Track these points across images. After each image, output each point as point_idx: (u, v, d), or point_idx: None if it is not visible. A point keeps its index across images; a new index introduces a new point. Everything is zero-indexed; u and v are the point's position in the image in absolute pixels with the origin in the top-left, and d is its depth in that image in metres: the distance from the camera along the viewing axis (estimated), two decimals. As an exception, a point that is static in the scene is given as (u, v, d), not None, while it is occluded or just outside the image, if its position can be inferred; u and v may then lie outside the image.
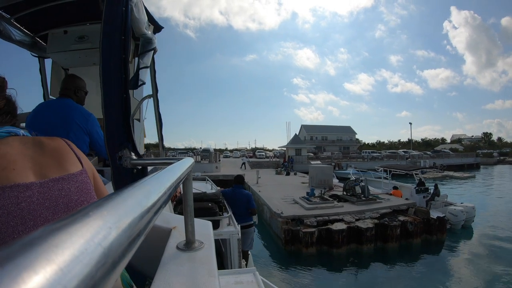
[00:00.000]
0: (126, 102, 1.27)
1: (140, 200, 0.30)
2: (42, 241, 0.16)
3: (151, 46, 1.58)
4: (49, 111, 1.87)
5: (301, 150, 31.27)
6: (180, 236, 0.89)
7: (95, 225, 0.20)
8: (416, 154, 39.13)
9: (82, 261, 0.16)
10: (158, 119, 2.41)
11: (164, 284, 0.64)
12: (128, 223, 0.24)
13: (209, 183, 6.50)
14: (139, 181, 0.37)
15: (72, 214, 0.20)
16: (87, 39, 2.36)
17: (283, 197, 10.63)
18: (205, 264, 0.74)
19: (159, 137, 2.55)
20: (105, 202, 0.24)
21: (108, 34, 1.24)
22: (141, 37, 1.55)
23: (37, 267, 0.14)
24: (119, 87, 1.25)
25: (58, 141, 0.70)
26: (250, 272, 1.86)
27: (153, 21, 1.97)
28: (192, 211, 0.82)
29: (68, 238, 0.17)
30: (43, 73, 2.72)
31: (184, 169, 0.69)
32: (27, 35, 2.40)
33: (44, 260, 0.14)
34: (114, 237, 0.21)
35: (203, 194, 3.72)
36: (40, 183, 0.60)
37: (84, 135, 1.84)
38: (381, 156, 36.46)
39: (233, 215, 3.38)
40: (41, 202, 0.59)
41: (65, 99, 1.91)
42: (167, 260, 0.75)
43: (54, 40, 2.43)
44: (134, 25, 1.42)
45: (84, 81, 2.08)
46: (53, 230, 0.17)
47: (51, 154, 0.65)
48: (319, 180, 13.16)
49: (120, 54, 1.25)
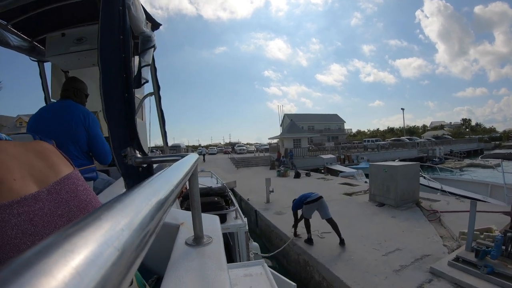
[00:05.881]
0: (129, 101, 1.26)
1: (149, 199, 0.30)
2: (57, 247, 0.16)
3: (151, 44, 1.57)
4: (50, 113, 1.89)
5: (300, 140, 24.12)
6: (188, 232, 0.89)
7: (108, 227, 0.20)
8: (424, 141, 36.06)
9: (98, 264, 0.17)
10: (160, 116, 2.42)
11: (175, 280, 0.64)
12: (139, 223, 0.25)
13: (215, 177, 6.51)
14: (147, 181, 0.37)
15: (84, 218, 0.20)
16: (85, 40, 2.35)
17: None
18: (215, 259, 0.74)
19: (162, 134, 2.55)
20: (115, 204, 0.25)
21: (106, 35, 1.23)
22: (140, 35, 1.55)
23: (55, 273, 0.14)
24: (120, 86, 1.24)
25: (44, 144, 0.66)
26: (259, 264, 1.88)
27: (151, 18, 1.97)
28: (199, 207, 0.83)
29: (83, 243, 0.17)
30: (43, 77, 2.73)
31: (189, 165, 0.69)
32: (25, 40, 2.40)
33: (61, 265, 0.14)
34: (127, 238, 0.21)
35: (209, 189, 3.74)
36: (47, 190, 0.54)
37: (85, 133, 1.86)
38: (387, 145, 31.20)
39: (239, 208, 3.38)
40: (54, 211, 0.54)
41: (65, 100, 1.94)
42: (176, 257, 0.76)
43: (52, 44, 2.43)
44: (132, 24, 1.41)
45: (85, 84, 2.08)
46: (67, 236, 0.17)
47: (42, 157, 0.60)
48: (401, 191, 7.10)
49: (120, 53, 1.24)
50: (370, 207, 7.49)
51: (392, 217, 6.40)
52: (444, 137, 43.65)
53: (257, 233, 7.76)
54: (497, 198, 8.29)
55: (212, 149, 48.49)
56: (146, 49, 1.55)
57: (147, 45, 1.56)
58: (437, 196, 8.10)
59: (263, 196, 9.07)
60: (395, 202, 7.13)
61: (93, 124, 1.90)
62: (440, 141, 36.94)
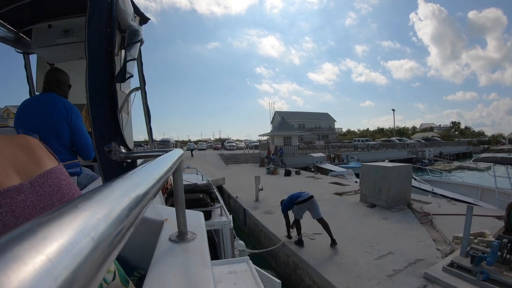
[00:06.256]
0: (113, 95, 1.27)
1: (129, 191, 0.30)
2: (30, 234, 0.15)
3: (137, 38, 1.57)
4: (33, 107, 1.87)
5: (291, 138, 24.29)
6: (172, 228, 0.88)
7: (85, 216, 0.20)
8: (414, 142, 36.16)
9: (72, 252, 0.16)
10: (146, 112, 2.42)
11: (159, 276, 0.63)
12: (117, 215, 0.24)
13: (200, 174, 6.47)
14: (128, 173, 0.37)
15: (60, 207, 0.20)
16: (72, 32, 2.32)
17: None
18: (198, 255, 0.74)
19: (148, 130, 2.54)
20: (94, 194, 0.24)
21: (93, 27, 1.22)
22: (127, 29, 1.54)
23: (26, 258, 0.14)
24: (105, 80, 1.25)
25: (28, 138, 0.65)
26: (244, 261, 1.89)
27: (139, 12, 1.96)
28: (183, 203, 0.82)
29: (57, 230, 0.17)
30: (29, 69, 2.70)
31: (173, 160, 0.68)
32: (11, 31, 2.36)
33: (33, 251, 0.14)
34: (104, 228, 0.21)
35: (194, 185, 3.74)
36: (30, 183, 0.54)
37: (68, 128, 1.85)
38: (377, 145, 31.41)
39: (224, 205, 3.37)
40: (36, 204, 0.54)
41: (47, 94, 1.92)
42: (160, 253, 0.75)
43: (39, 35, 2.39)
44: (120, 17, 1.41)
45: (67, 74, 2.06)
46: (42, 223, 0.17)
47: (26, 151, 0.60)
48: (393, 192, 7.02)
49: (106, 46, 1.24)
50: (361, 207, 7.41)
51: (384, 219, 6.33)
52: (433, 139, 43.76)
53: (245, 232, 7.62)
54: (487, 201, 8.33)
55: (202, 144, 47.91)
56: (133, 43, 1.54)
57: (134, 39, 1.55)
58: (428, 198, 8.14)
59: (252, 194, 8.87)
60: (387, 203, 7.06)
61: (75, 118, 1.89)
62: (429, 143, 37.12)
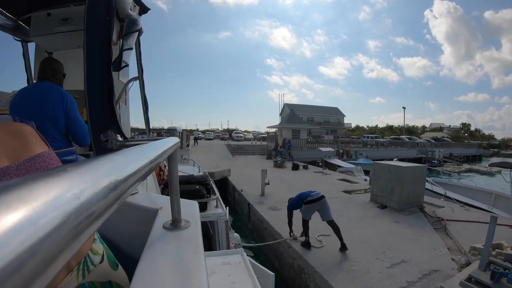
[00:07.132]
0: (110, 84, 1.27)
1: (120, 165, 0.30)
2: (16, 186, 0.15)
3: (136, 28, 1.56)
4: (29, 95, 1.91)
5: (299, 131, 23.74)
6: (166, 216, 0.88)
7: (73, 179, 0.20)
8: (423, 142, 34.82)
9: (57, 206, 0.16)
10: (143, 102, 2.40)
11: (151, 262, 0.63)
12: (105, 184, 0.24)
13: (197, 165, 6.45)
14: (122, 150, 0.37)
15: (49, 170, 0.19)
16: (71, 21, 2.31)
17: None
18: (191, 242, 0.73)
19: (145, 119, 2.51)
20: (84, 162, 0.24)
21: (92, 16, 1.22)
22: (126, 18, 1.53)
23: (11, 204, 0.14)
24: (103, 69, 1.25)
25: (22, 125, 0.66)
26: (238, 253, 1.91)
27: (139, 2, 1.94)
28: (178, 191, 0.82)
29: (43, 186, 0.17)
30: (27, 57, 2.71)
31: (168, 146, 0.68)
32: (10, 19, 2.36)
33: (17, 199, 0.14)
34: (92, 193, 0.21)
35: (190, 177, 3.74)
36: (16, 166, 0.55)
37: (64, 115, 1.88)
38: (386, 142, 30.11)
39: (220, 198, 3.40)
40: None
41: (43, 82, 1.95)
42: (153, 240, 0.74)
43: (37, 23, 2.38)
44: (119, 6, 1.42)
45: (62, 64, 2.08)
46: (27, 179, 0.17)
47: (18, 138, 0.61)
48: (406, 194, 6.63)
49: (105, 35, 1.24)
50: (372, 208, 7.08)
51: (396, 222, 6.03)
52: (444, 140, 42.70)
53: (249, 227, 7.39)
54: (501, 208, 7.99)
55: (209, 134, 47.31)
56: (131, 33, 1.53)
57: (132, 29, 1.54)
58: (440, 202, 7.74)
59: (257, 188, 8.51)
60: (399, 205, 6.72)
61: (71, 105, 1.92)
62: (439, 143, 36.05)
